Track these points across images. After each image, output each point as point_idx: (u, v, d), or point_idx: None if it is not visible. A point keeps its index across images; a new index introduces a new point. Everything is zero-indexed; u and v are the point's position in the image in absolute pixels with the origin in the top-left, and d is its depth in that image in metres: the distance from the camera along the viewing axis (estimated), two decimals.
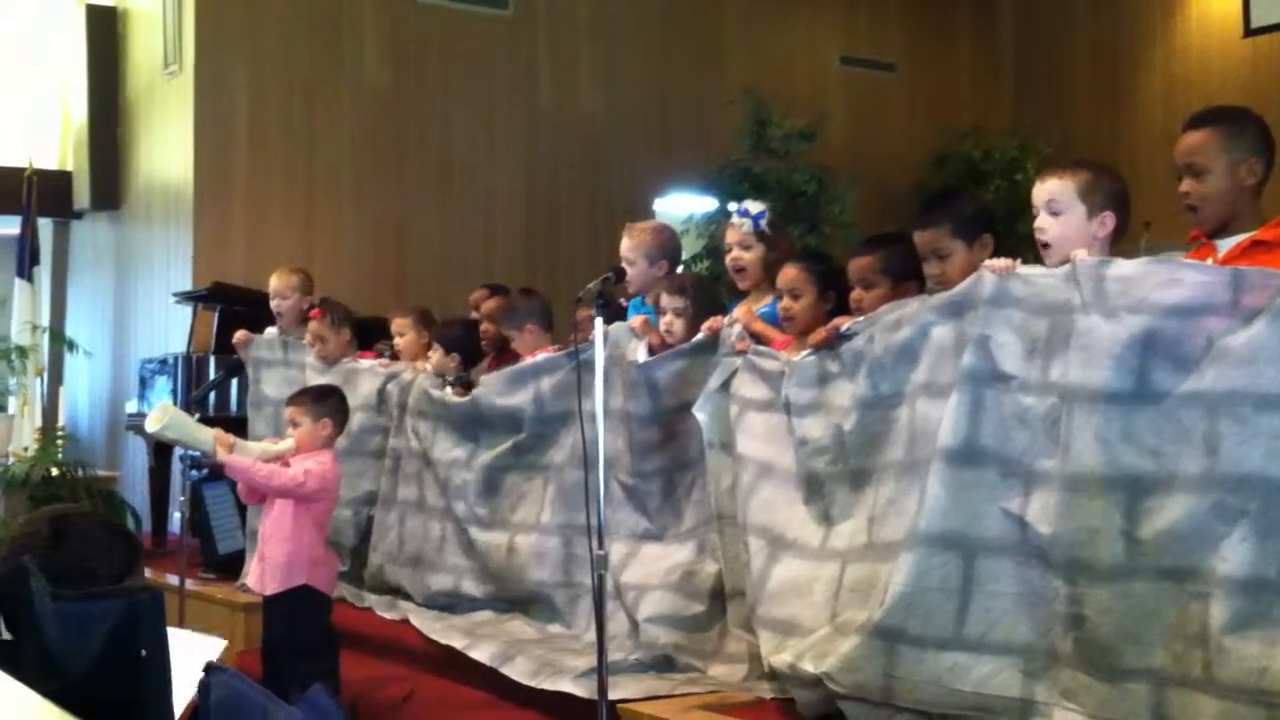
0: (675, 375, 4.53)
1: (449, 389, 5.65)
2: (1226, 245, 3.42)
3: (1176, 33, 11.00)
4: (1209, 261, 3.40)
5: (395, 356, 6.29)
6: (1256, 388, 2.92)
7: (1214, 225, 3.46)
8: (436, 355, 5.88)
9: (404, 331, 6.27)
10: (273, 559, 4.67)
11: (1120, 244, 3.61)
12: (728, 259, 4.82)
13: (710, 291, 4.93)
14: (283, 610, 4.68)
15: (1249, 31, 10.01)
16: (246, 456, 4.73)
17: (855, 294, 4.07)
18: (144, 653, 3.25)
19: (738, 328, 4.25)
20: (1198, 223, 3.50)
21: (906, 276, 3.99)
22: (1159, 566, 2.99)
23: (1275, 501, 2.86)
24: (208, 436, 4.74)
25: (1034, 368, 3.28)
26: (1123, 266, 3.18)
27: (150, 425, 4.81)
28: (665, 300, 4.73)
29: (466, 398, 5.48)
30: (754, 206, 4.77)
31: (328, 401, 4.86)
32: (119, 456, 9.63)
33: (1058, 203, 3.50)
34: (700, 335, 4.44)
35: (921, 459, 3.43)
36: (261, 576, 4.73)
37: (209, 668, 2.55)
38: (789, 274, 4.31)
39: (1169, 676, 2.97)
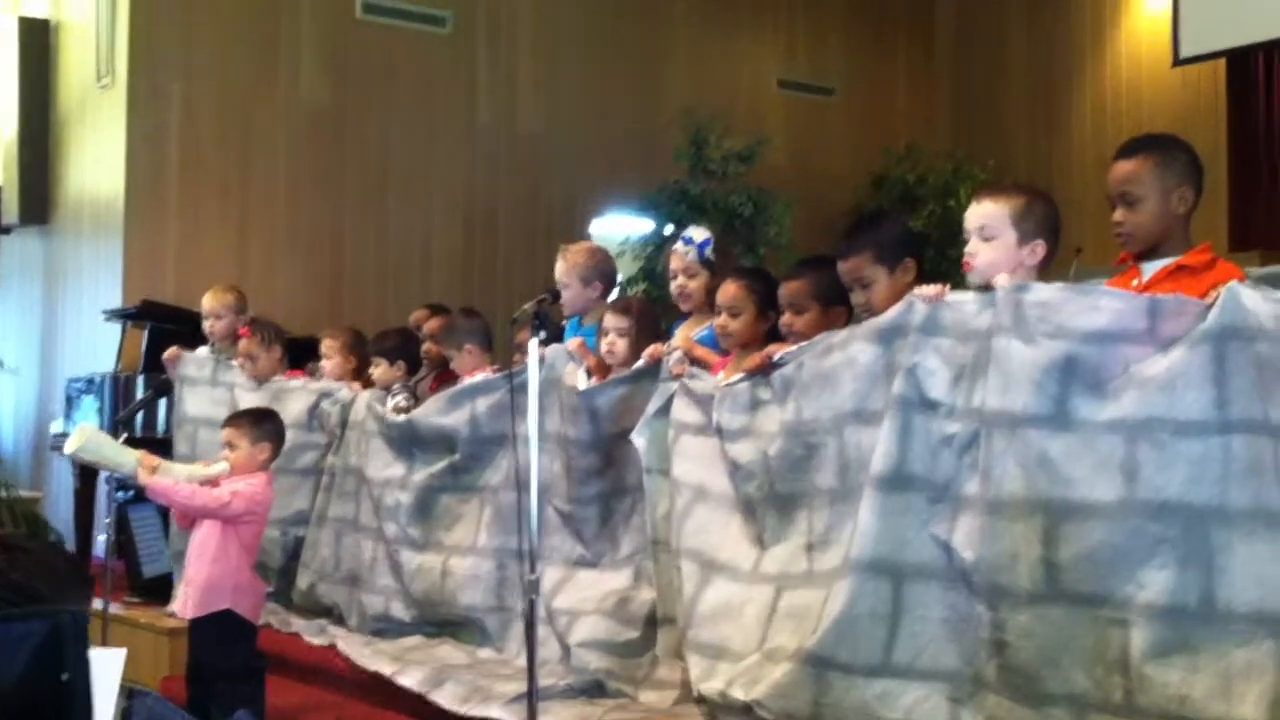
0: (616, 402, 4.52)
1: (399, 398, 5.62)
2: (1152, 269, 3.46)
3: (1107, 61, 11.17)
4: (1134, 284, 3.44)
5: (314, 374, 6.24)
6: (1175, 414, 2.93)
7: (1143, 251, 3.49)
8: (380, 369, 5.86)
9: (331, 354, 6.22)
10: (195, 582, 4.61)
11: (1050, 270, 3.63)
12: (672, 285, 4.82)
13: (654, 316, 4.93)
14: (205, 634, 4.62)
15: (1178, 61, 10.17)
16: (172, 478, 4.66)
17: (785, 318, 4.08)
18: (66, 676, 3.19)
19: (677, 353, 4.24)
20: (1128, 249, 3.53)
21: (837, 301, 4.00)
22: (1078, 592, 3.00)
23: (1195, 528, 2.88)
24: (129, 459, 4.65)
25: (959, 394, 3.29)
26: (1041, 292, 3.20)
27: (68, 447, 4.70)
28: (609, 320, 4.73)
29: (403, 417, 5.44)
30: (698, 234, 4.77)
31: (265, 425, 4.79)
32: (44, 477, 9.48)
33: (990, 228, 3.51)
34: (641, 362, 4.43)
35: (856, 487, 3.44)
36: (185, 600, 4.66)
37: (131, 692, 2.50)
38: (729, 291, 4.31)
39: (1090, 702, 2.98)
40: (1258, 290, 2.95)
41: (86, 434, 4.75)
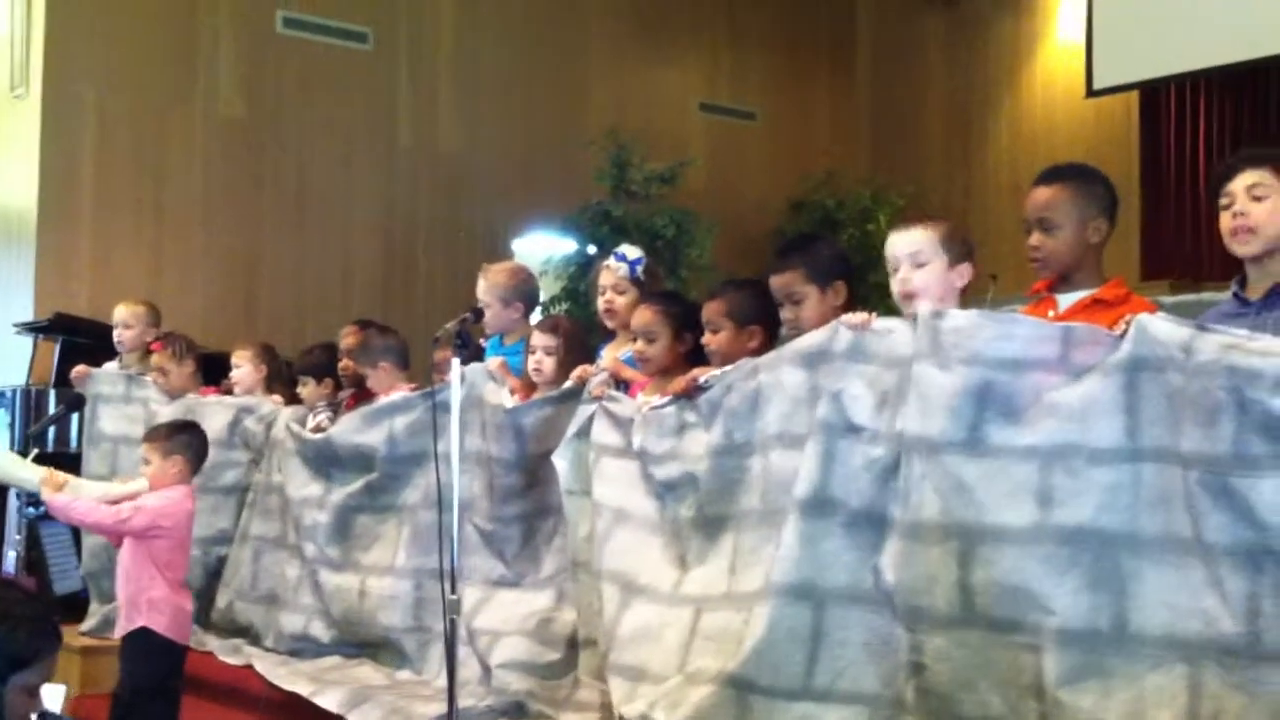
0: (541, 422, 4.51)
1: (321, 417, 5.57)
2: (1067, 301, 3.52)
3: (1023, 91, 11.38)
4: (1049, 315, 3.49)
5: (229, 390, 6.17)
6: (1088, 442, 2.97)
7: (1057, 278, 3.55)
8: (309, 388, 5.81)
9: (241, 364, 6.16)
10: (120, 600, 4.56)
11: (967, 295, 3.69)
12: (600, 300, 4.84)
13: (582, 336, 4.94)
14: (125, 652, 4.55)
15: (1091, 92, 10.40)
16: (85, 496, 4.58)
17: (705, 338, 4.12)
18: None
19: (602, 375, 4.25)
20: (1042, 274, 3.59)
21: (750, 320, 4.04)
22: (993, 616, 3.03)
23: (1107, 554, 2.92)
24: (31, 475, 4.59)
25: (883, 420, 3.32)
26: (956, 318, 3.25)
27: None
28: (537, 339, 4.74)
29: (320, 435, 5.40)
30: (631, 252, 4.80)
31: (177, 438, 4.72)
32: None
33: (922, 253, 3.56)
34: (569, 382, 4.43)
35: (776, 508, 3.46)
36: (118, 620, 4.63)
37: (42, 716, 2.46)
38: (643, 316, 4.33)
39: None
40: (1167, 320, 3.01)
41: None
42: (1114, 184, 3.63)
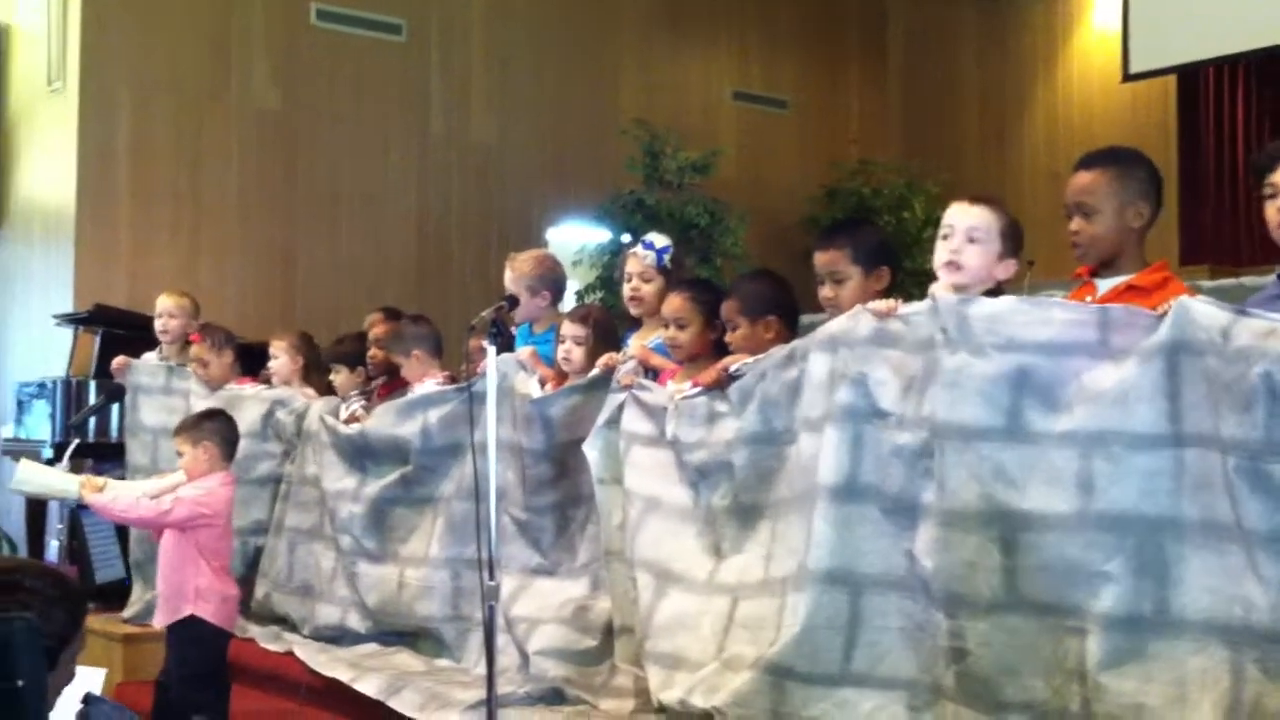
0: (569, 411, 4.53)
1: (355, 406, 5.60)
2: (1105, 286, 3.49)
3: (1059, 76, 11.30)
4: (1087, 300, 3.47)
5: (268, 380, 6.21)
6: (1129, 427, 2.96)
7: (1098, 264, 3.53)
8: (341, 376, 5.84)
9: (279, 354, 6.19)
10: (162, 590, 4.62)
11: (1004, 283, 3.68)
12: (626, 288, 4.84)
13: (611, 324, 4.95)
14: (172, 641, 4.61)
15: (1127, 77, 10.31)
16: (121, 493, 4.66)
17: (727, 336, 4.12)
18: (21, 683, 3.17)
19: (631, 363, 4.25)
20: (1082, 260, 3.56)
21: (764, 312, 4.06)
22: (1035, 601, 3.03)
23: (1149, 540, 2.91)
24: (69, 483, 4.71)
25: (909, 404, 3.31)
26: (987, 305, 3.23)
27: (13, 484, 4.84)
28: (567, 328, 4.75)
29: (356, 428, 5.42)
30: (659, 240, 4.81)
31: (206, 424, 4.76)
32: None
33: (979, 231, 3.55)
34: (595, 371, 4.44)
35: (802, 493, 3.46)
36: (158, 608, 4.68)
37: (88, 698, 2.49)
38: (674, 303, 4.34)
39: (1048, 710, 3.02)
40: (1208, 303, 2.98)
41: (27, 469, 4.82)
42: (1158, 168, 3.60)
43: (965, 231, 3.55)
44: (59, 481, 4.85)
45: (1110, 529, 2.94)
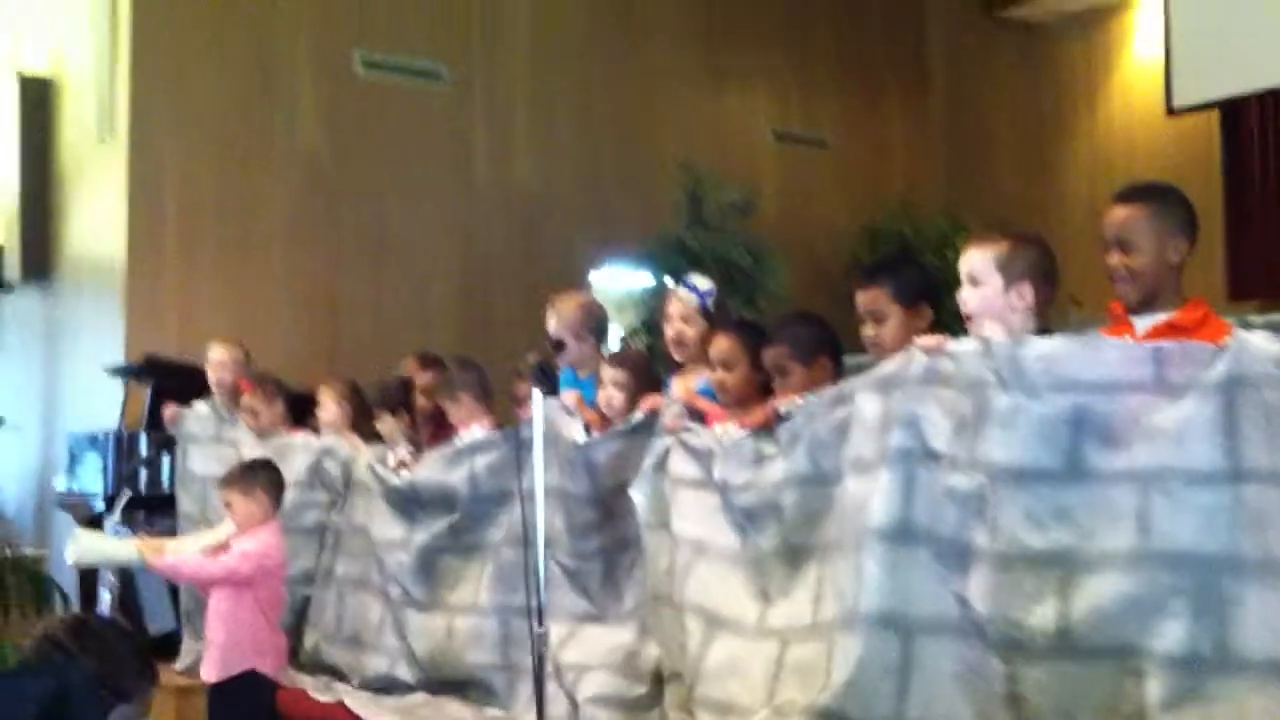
0: (614, 456, 4.52)
1: (403, 453, 5.61)
2: (1143, 325, 3.47)
3: (1100, 110, 11.25)
4: (1125, 339, 3.45)
5: (316, 429, 6.24)
6: (1186, 464, 2.94)
7: (1138, 300, 3.50)
8: (388, 424, 5.85)
9: (328, 404, 6.22)
10: (215, 643, 4.59)
11: (1048, 317, 3.66)
12: (668, 329, 4.83)
13: (651, 368, 4.94)
14: (226, 694, 4.58)
15: (1171, 111, 10.25)
16: (185, 554, 4.66)
17: (775, 383, 4.09)
18: None
19: (676, 407, 4.25)
20: (1122, 295, 3.54)
21: (816, 354, 4.03)
22: (1092, 645, 3.00)
23: (1209, 578, 2.88)
24: (128, 551, 4.70)
25: (961, 445, 3.30)
26: (1040, 345, 3.22)
27: (69, 558, 4.81)
28: (607, 373, 4.74)
29: (405, 477, 5.43)
30: (702, 283, 4.80)
31: (258, 475, 4.78)
32: (47, 534, 9.42)
33: (976, 274, 3.58)
34: (638, 415, 4.44)
35: (849, 535, 3.44)
36: (207, 662, 4.65)
37: None
38: (721, 345, 4.32)
39: None
40: (1265, 337, 2.97)
41: (84, 540, 4.82)
42: (1193, 203, 3.58)
43: (966, 277, 3.61)
44: (116, 549, 4.86)
45: (1169, 567, 2.92)
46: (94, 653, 2.64)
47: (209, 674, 4.60)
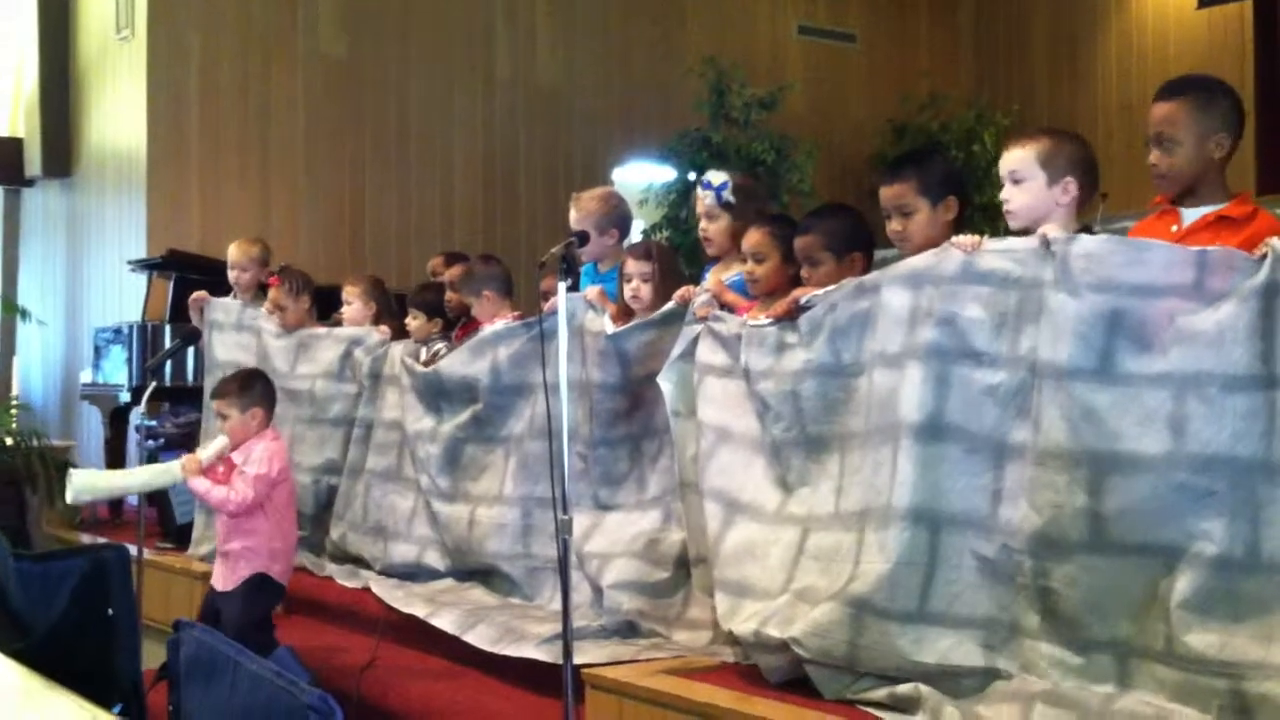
0: (644, 345, 4.51)
1: (439, 347, 5.62)
2: (1191, 216, 3.42)
3: (1132, 4, 11.06)
4: (1172, 229, 3.42)
5: (339, 324, 6.25)
6: (1224, 369, 2.94)
7: (1179, 194, 3.47)
8: (418, 322, 5.86)
9: (352, 300, 6.23)
10: (229, 553, 4.61)
11: (1083, 212, 3.63)
12: (699, 229, 4.81)
13: (675, 258, 4.92)
14: (236, 595, 4.60)
15: (1203, 3, 10.07)
16: (206, 483, 4.61)
17: (804, 272, 4.07)
18: (111, 611, 3.25)
19: (705, 295, 4.24)
20: (1161, 190, 3.50)
21: (851, 249, 4.01)
22: (1125, 543, 3.01)
23: (1243, 482, 2.89)
24: (171, 473, 4.62)
25: (1003, 342, 3.29)
26: (1087, 243, 3.19)
27: (69, 498, 4.60)
28: (631, 266, 4.73)
29: (430, 368, 5.45)
30: (716, 178, 4.74)
31: (253, 389, 4.72)
32: (74, 426, 9.55)
33: (1019, 172, 3.53)
34: (670, 304, 4.43)
35: (877, 428, 3.44)
36: (220, 571, 4.67)
37: (178, 624, 2.54)
38: (753, 238, 4.31)
39: (1133, 648, 3.01)
40: None
41: (79, 480, 4.61)
42: (1240, 96, 3.52)
43: (1008, 176, 3.56)
44: (160, 477, 4.75)
45: (1203, 471, 2.92)
46: None
47: (223, 582, 4.62)
